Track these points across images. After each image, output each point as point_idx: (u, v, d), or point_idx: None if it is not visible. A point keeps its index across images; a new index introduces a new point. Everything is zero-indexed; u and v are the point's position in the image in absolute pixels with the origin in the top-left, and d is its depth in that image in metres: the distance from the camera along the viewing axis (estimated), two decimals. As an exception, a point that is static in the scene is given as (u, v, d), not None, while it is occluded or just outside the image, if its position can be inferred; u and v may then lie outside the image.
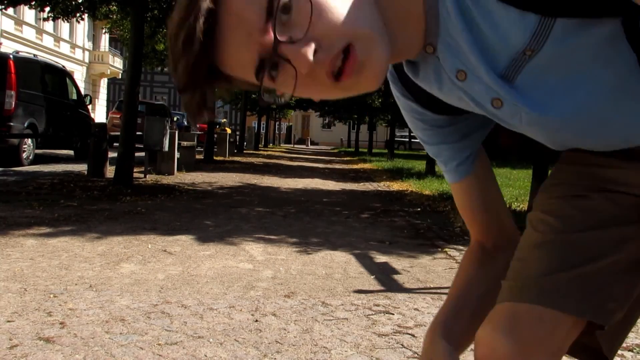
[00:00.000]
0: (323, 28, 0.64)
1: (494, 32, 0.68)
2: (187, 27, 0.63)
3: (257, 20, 0.63)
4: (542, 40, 0.66)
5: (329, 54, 0.64)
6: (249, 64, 0.66)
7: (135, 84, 7.71)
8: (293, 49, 0.63)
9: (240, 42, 0.65)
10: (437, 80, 0.77)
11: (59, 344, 2.14)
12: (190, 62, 0.65)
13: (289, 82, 0.66)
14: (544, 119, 0.73)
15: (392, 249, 4.31)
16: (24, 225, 4.43)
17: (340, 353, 2.21)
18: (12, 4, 8.24)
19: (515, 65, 0.70)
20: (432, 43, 0.72)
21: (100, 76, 37.36)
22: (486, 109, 0.76)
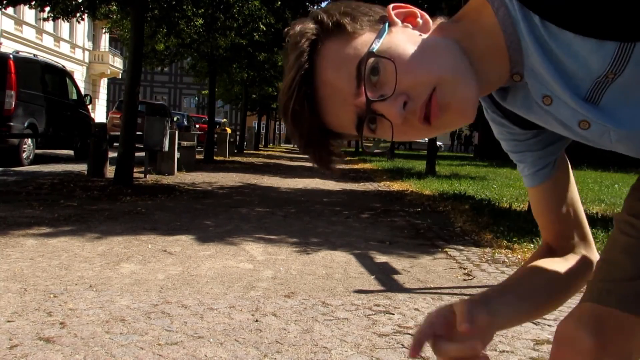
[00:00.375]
0: (409, 81, 0.72)
1: (574, 61, 0.72)
2: (292, 107, 0.75)
3: (349, 86, 0.73)
4: (623, 64, 0.69)
5: (417, 103, 0.72)
6: (349, 123, 0.76)
7: (135, 83, 7.71)
8: (385, 106, 0.72)
9: (338, 107, 0.76)
10: (525, 105, 0.83)
11: (59, 344, 2.14)
12: (304, 133, 0.78)
13: (387, 131, 0.75)
14: (633, 133, 0.76)
15: (392, 249, 4.31)
16: (24, 225, 4.43)
17: (340, 353, 2.21)
18: (11, 4, 8.24)
19: (598, 88, 0.74)
20: (519, 72, 0.78)
21: (100, 76, 37.38)
22: (574, 130, 0.80)
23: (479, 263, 3.92)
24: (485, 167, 17.71)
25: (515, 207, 6.68)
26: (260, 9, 13.27)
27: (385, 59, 0.72)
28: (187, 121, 23.41)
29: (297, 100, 0.74)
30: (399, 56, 0.72)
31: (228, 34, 13.22)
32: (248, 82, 21.24)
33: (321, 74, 0.74)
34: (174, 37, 12.60)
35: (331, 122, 0.78)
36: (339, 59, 0.74)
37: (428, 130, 0.75)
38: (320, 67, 0.75)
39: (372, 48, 0.72)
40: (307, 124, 0.76)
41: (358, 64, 0.72)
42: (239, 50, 15.06)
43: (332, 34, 0.75)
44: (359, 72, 0.72)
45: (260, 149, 27.91)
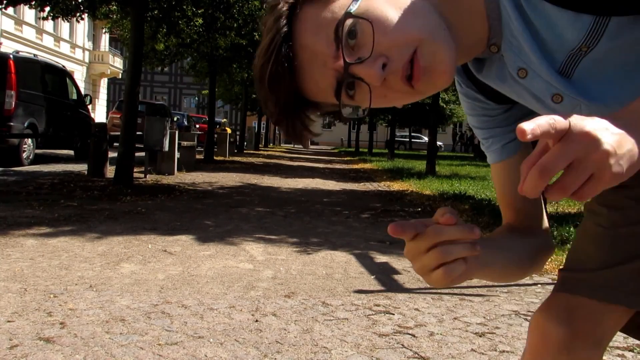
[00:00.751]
0: (387, 42, 0.71)
1: (551, 32, 0.73)
2: (270, 70, 0.73)
3: (327, 49, 0.72)
4: (597, 37, 0.70)
5: (399, 63, 0.71)
6: (328, 88, 0.74)
7: (135, 83, 7.71)
8: (363, 68, 0.71)
9: (317, 71, 0.73)
10: (500, 77, 0.82)
11: (59, 344, 2.14)
12: (280, 99, 0.75)
13: (366, 96, 0.74)
14: (603, 107, 0.77)
15: (392, 249, 4.31)
16: (24, 225, 4.43)
17: (340, 353, 2.21)
18: (12, 4, 8.23)
19: (571, 61, 0.75)
20: (496, 43, 0.78)
21: (101, 76, 37.36)
22: (546, 104, 0.80)
23: (479, 263, 3.91)
24: (486, 167, 17.70)
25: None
26: (260, 9, 13.27)
27: (362, 19, 0.70)
28: (187, 121, 23.41)
29: (275, 62, 0.72)
30: (376, 17, 0.71)
31: (228, 34, 13.21)
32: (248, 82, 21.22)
33: (300, 38, 0.73)
34: (174, 37, 12.60)
35: (309, 88, 0.75)
36: (317, 23, 0.73)
37: (410, 93, 0.74)
38: (298, 31, 0.73)
39: (350, 9, 0.71)
40: (285, 89, 0.74)
41: (336, 26, 0.71)
42: (239, 50, 15.05)
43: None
44: (337, 34, 0.71)
45: (261, 149, 27.92)
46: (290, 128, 0.78)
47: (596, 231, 0.92)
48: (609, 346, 2.36)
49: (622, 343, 2.44)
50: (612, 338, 0.88)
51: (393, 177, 11.73)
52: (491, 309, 2.87)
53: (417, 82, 0.72)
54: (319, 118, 0.83)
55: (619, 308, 0.86)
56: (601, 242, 0.90)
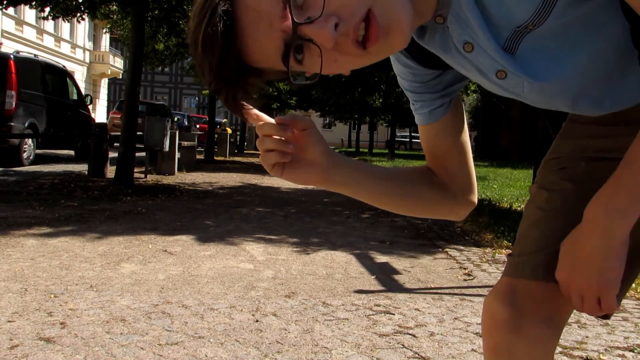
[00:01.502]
0: (339, 1, 0.65)
1: (498, 8, 0.72)
2: (204, 31, 0.65)
3: (275, 8, 0.65)
4: (545, 16, 0.70)
5: (350, 23, 0.65)
6: (275, 52, 0.68)
7: (135, 84, 7.71)
8: (313, 28, 0.64)
9: (262, 33, 0.66)
10: (443, 48, 0.80)
11: (60, 344, 2.14)
12: (218, 64, 0.67)
13: (315, 60, 0.68)
14: (545, 84, 0.78)
15: (392, 249, 4.31)
16: (24, 226, 4.43)
17: (340, 353, 2.21)
18: (12, 4, 8.23)
19: (515, 37, 0.74)
20: (442, 14, 0.75)
21: (101, 76, 37.37)
22: (490, 78, 0.80)
23: (480, 263, 3.92)
24: (486, 167, 17.70)
25: (516, 207, 6.67)
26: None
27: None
28: (187, 121, 23.42)
29: (211, 23, 0.65)
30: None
31: (228, 34, 13.19)
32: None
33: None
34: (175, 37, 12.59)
35: (253, 53, 0.69)
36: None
37: (362, 56, 0.69)
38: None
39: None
40: (224, 53, 0.66)
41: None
42: (239, 50, 15.04)
43: None
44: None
45: (261, 149, 27.87)
46: (230, 97, 0.72)
47: (537, 214, 0.95)
48: (609, 346, 2.37)
49: (623, 343, 2.44)
50: (567, 315, 0.92)
51: (393, 177, 11.71)
52: (491, 309, 2.87)
53: (373, 44, 0.67)
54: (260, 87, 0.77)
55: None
56: (541, 224, 0.94)
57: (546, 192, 0.95)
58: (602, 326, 2.65)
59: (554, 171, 0.97)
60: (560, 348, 2.33)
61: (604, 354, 2.30)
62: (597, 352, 2.32)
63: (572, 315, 2.76)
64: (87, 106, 12.87)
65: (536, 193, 0.98)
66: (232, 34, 0.66)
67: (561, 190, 0.93)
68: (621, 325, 2.68)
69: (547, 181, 0.97)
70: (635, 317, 2.82)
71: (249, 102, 0.73)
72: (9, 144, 9.26)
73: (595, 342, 2.43)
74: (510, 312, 0.90)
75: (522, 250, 0.95)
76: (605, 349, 2.37)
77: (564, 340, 2.43)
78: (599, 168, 0.90)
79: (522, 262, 0.93)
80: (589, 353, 2.31)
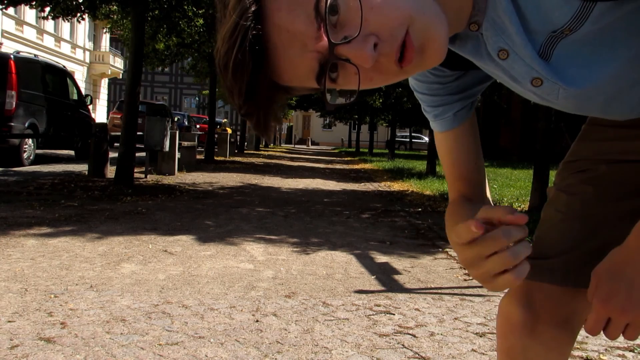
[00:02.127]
0: (378, 20, 0.62)
1: (536, 14, 0.70)
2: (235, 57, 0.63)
3: (308, 29, 0.62)
4: (582, 21, 0.68)
5: (392, 44, 0.63)
6: (309, 72, 0.66)
7: (136, 84, 7.71)
8: (351, 48, 0.62)
9: (296, 54, 0.64)
10: (474, 54, 0.78)
11: (60, 344, 2.14)
12: (243, 89, 0.65)
13: (351, 79, 0.66)
14: (581, 91, 0.76)
15: (392, 249, 4.31)
16: (24, 226, 4.43)
17: (341, 353, 2.21)
18: (12, 4, 8.24)
19: (550, 43, 0.72)
20: (477, 21, 0.73)
21: (101, 76, 37.38)
22: (524, 85, 0.78)
23: (480, 263, 3.91)
24: (486, 167, 17.62)
25: (516, 208, 6.67)
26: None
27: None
28: (187, 121, 23.42)
29: (242, 49, 0.62)
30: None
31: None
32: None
33: (273, 17, 0.63)
34: (175, 37, 12.61)
35: (285, 73, 0.66)
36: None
37: (396, 74, 0.67)
38: (270, 9, 0.63)
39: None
40: (254, 77, 0.64)
41: (316, 1, 0.61)
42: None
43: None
44: (318, 11, 0.61)
45: (261, 149, 27.91)
46: (261, 120, 0.69)
47: (556, 217, 0.95)
48: (609, 346, 2.37)
49: (623, 343, 2.44)
50: (583, 320, 0.91)
51: (393, 178, 11.73)
52: (492, 309, 2.87)
53: (408, 63, 0.65)
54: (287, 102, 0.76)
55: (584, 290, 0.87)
56: (561, 227, 0.93)
57: (565, 195, 0.94)
58: (602, 326, 2.65)
59: (573, 174, 0.95)
60: (561, 348, 2.33)
61: (604, 354, 2.30)
62: (597, 352, 2.32)
63: (573, 315, 2.76)
64: (87, 106, 12.87)
65: (555, 196, 0.97)
66: (263, 57, 0.64)
67: (581, 194, 0.92)
68: (621, 326, 2.68)
69: (566, 184, 0.95)
70: (635, 317, 2.82)
71: (276, 119, 0.71)
72: (9, 144, 9.26)
73: (595, 342, 2.43)
74: (526, 315, 0.89)
75: (541, 253, 0.93)
76: (606, 349, 2.37)
77: (564, 340, 2.43)
78: (619, 170, 0.89)
79: (539, 265, 0.91)
80: (589, 353, 2.31)
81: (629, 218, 0.86)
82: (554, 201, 0.96)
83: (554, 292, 0.89)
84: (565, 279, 0.88)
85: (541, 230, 0.96)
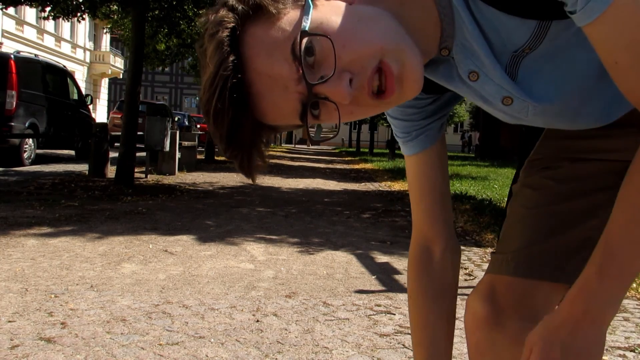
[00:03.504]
0: (350, 56, 0.65)
1: (496, 35, 0.72)
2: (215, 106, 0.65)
3: (288, 71, 0.65)
4: (540, 39, 0.71)
5: (363, 77, 0.66)
6: (292, 112, 0.68)
7: (136, 83, 7.71)
8: (327, 87, 0.65)
9: (279, 97, 0.66)
10: (446, 77, 0.81)
11: (60, 344, 2.14)
12: (224, 135, 0.67)
13: (332, 114, 0.68)
14: (549, 106, 0.78)
15: (393, 249, 4.30)
16: (25, 225, 4.43)
17: (341, 353, 2.21)
18: (12, 4, 8.24)
19: (514, 62, 0.75)
20: (447, 46, 0.75)
21: (102, 76, 37.39)
22: (494, 105, 0.80)
23: (480, 263, 3.91)
24: (487, 167, 17.70)
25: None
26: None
27: (319, 36, 0.64)
28: (188, 121, 23.42)
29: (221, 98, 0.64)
30: (333, 31, 0.65)
31: (229, 34, 13.20)
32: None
33: (253, 64, 0.65)
34: (175, 37, 12.61)
35: (268, 114, 0.69)
36: (268, 44, 0.65)
37: (377, 106, 0.70)
38: (249, 57, 0.65)
39: (304, 26, 0.64)
40: (234, 124, 0.66)
41: (292, 45, 0.64)
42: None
43: (253, 18, 0.66)
44: (295, 54, 0.64)
45: (261, 149, 27.89)
46: (245, 161, 0.71)
47: (520, 212, 0.97)
48: (610, 346, 2.37)
49: (624, 343, 2.44)
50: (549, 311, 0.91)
51: (394, 177, 11.73)
52: (492, 309, 2.87)
53: (390, 94, 0.67)
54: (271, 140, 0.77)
55: (545, 284, 0.90)
56: (525, 222, 0.95)
57: (530, 191, 0.97)
58: (603, 326, 2.65)
59: (538, 170, 0.98)
60: (561, 348, 2.33)
61: (604, 354, 2.30)
62: (598, 352, 2.31)
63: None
64: (87, 106, 12.87)
65: (519, 191, 0.99)
66: (244, 103, 0.66)
67: (545, 189, 0.95)
68: (622, 326, 2.68)
69: (530, 180, 0.98)
70: (636, 317, 2.82)
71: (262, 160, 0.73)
72: (9, 143, 9.26)
73: (596, 342, 2.43)
74: (491, 309, 0.91)
75: (505, 248, 0.95)
76: (606, 349, 2.36)
77: (565, 340, 2.43)
78: (581, 167, 0.92)
79: (505, 259, 0.94)
80: (590, 353, 2.30)
81: (591, 212, 0.90)
82: (519, 196, 0.99)
83: (517, 284, 0.91)
84: (528, 272, 0.90)
85: (506, 226, 0.98)
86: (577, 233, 0.90)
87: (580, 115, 0.82)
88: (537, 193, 0.95)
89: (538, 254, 0.90)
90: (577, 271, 0.87)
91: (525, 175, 1.00)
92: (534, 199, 0.95)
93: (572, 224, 0.91)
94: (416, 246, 1.08)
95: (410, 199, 1.06)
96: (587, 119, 0.83)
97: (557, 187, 0.93)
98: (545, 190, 0.94)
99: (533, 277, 0.89)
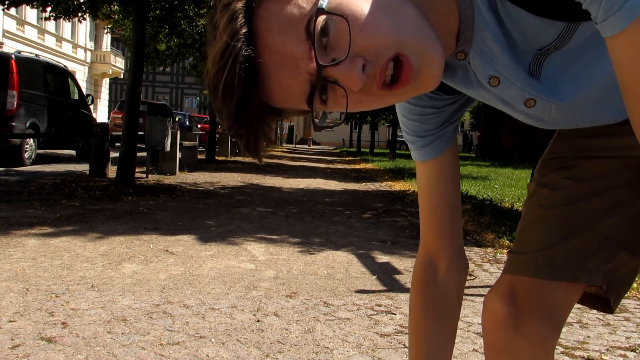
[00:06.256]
0: (366, 42, 0.62)
1: (521, 35, 0.71)
2: (225, 79, 0.62)
3: (300, 50, 0.62)
4: (567, 39, 0.70)
5: (377, 65, 0.63)
6: (300, 94, 0.65)
7: (137, 83, 7.71)
8: (339, 70, 0.62)
9: (288, 76, 0.64)
10: (465, 83, 0.79)
11: (61, 344, 2.14)
12: (232, 110, 0.64)
13: (340, 101, 0.66)
14: (570, 105, 0.77)
15: (394, 248, 4.30)
16: (25, 225, 4.43)
17: (342, 353, 2.21)
18: (14, 4, 8.24)
19: (538, 60, 0.74)
20: (463, 50, 0.73)
21: (102, 76, 37.40)
22: (516, 108, 0.79)
23: (481, 263, 3.91)
24: (487, 167, 17.69)
25: (518, 207, 6.66)
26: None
27: (337, 16, 0.61)
28: (188, 121, 23.40)
29: (232, 71, 0.62)
30: (352, 13, 0.62)
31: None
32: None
33: (264, 39, 0.63)
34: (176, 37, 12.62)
35: (276, 95, 0.66)
36: (283, 20, 0.62)
37: (386, 97, 0.67)
38: (261, 31, 0.63)
39: (321, 4, 0.62)
40: (244, 99, 0.64)
41: (307, 23, 0.62)
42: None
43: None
44: (309, 32, 0.61)
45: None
46: (251, 141, 0.69)
47: (538, 212, 0.95)
48: (610, 346, 2.37)
49: (624, 343, 2.44)
50: (567, 313, 0.93)
51: (395, 177, 11.73)
52: (493, 309, 2.87)
53: (403, 86, 0.64)
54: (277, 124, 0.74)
55: (565, 283, 0.90)
56: (543, 222, 0.94)
57: (547, 190, 0.96)
58: (603, 326, 2.65)
59: (553, 170, 0.97)
60: (562, 348, 2.33)
61: (605, 354, 2.30)
62: (598, 352, 2.32)
63: (574, 315, 2.76)
64: (88, 106, 12.88)
65: (536, 191, 0.98)
66: (254, 79, 0.64)
67: (562, 188, 0.94)
68: (623, 325, 2.68)
69: (547, 179, 0.97)
70: (636, 317, 2.82)
71: (267, 140, 0.71)
72: (10, 143, 9.27)
73: (596, 342, 2.43)
74: (510, 310, 0.90)
75: (523, 248, 0.94)
76: (607, 349, 2.36)
77: (566, 340, 2.43)
78: (597, 165, 0.91)
79: (524, 260, 0.93)
80: (591, 353, 2.30)
81: (610, 210, 0.89)
82: (536, 196, 0.98)
83: (537, 286, 0.90)
84: (548, 273, 0.89)
85: (523, 225, 0.97)
86: (596, 232, 0.89)
87: (598, 111, 0.81)
88: (554, 193, 0.94)
89: (558, 255, 0.89)
90: (596, 270, 0.88)
91: (540, 174, 0.99)
92: (552, 198, 0.94)
93: (591, 223, 0.90)
94: (421, 259, 1.07)
95: (419, 208, 1.04)
96: (606, 115, 0.82)
97: (575, 186, 0.92)
98: (563, 190, 0.93)
99: (553, 278, 0.89)
